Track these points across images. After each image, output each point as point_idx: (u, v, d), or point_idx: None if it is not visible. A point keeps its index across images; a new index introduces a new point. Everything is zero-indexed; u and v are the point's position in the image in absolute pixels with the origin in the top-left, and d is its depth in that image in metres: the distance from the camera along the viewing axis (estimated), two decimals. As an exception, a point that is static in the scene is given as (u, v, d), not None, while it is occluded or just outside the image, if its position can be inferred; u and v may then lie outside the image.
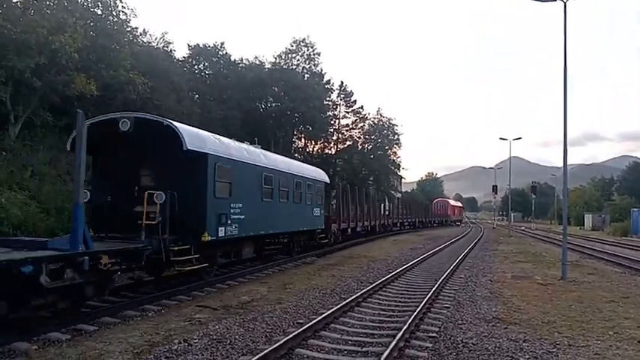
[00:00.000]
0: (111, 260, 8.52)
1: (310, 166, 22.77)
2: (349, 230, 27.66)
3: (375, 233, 34.50)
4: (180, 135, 10.75)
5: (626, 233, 51.69)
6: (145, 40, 32.94)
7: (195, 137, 11.46)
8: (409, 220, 50.06)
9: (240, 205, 12.97)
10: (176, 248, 10.67)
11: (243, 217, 13.05)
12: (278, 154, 16.95)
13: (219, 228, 11.91)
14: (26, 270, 6.85)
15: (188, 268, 11.11)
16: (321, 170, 22.77)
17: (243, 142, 15.95)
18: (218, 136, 13.42)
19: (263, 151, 17.06)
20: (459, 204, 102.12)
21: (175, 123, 11.20)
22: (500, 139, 50.29)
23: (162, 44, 35.34)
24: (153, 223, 10.25)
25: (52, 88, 21.69)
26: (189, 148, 10.77)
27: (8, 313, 6.95)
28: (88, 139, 8.37)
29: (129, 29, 29.00)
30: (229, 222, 12.39)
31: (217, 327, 8.21)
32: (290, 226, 17.33)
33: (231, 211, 12.55)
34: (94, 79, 22.70)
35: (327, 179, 22.45)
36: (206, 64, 44.83)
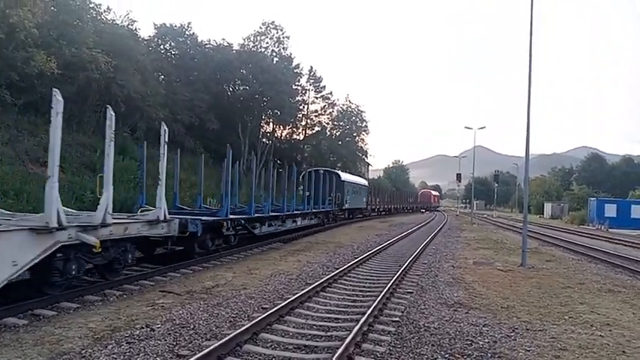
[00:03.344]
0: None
1: (362, 178, 48.66)
2: (375, 210, 48.08)
3: (390, 213, 55.48)
4: (340, 175, 33.93)
5: (584, 222, 53.60)
6: (109, 18, 31.89)
7: (343, 175, 35.09)
8: (403, 205, 67.29)
9: (349, 197, 34.08)
10: (337, 210, 31.16)
11: (349, 200, 34.19)
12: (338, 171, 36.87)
13: (345, 204, 32.76)
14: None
15: (341, 216, 33.53)
16: (364, 180, 49.68)
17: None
18: (346, 173, 39.79)
19: (351, 175, 42.54)
20: (437, 194, 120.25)
21: (338, 171, 37.58)
22: (466, 127, 51.35)
23: (127, 22, 34.28)
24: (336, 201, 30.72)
25: (10, 65, 20.85)
26: (342, 179, 33.11)
27: None
28: (308, 176, 26.07)
29: (92, 5, 28.13)
30: (347, 202, 33.34)
31: (181, 312, 8.12)
32: (357, 205, 37.78)
33: (347, 198, 33.33)
34: (55, 56, 21.95)
35: (367, 183, 46.40)
36: (172, 44, 43.79)
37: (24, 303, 7.73)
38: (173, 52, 43.85)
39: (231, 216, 15.11)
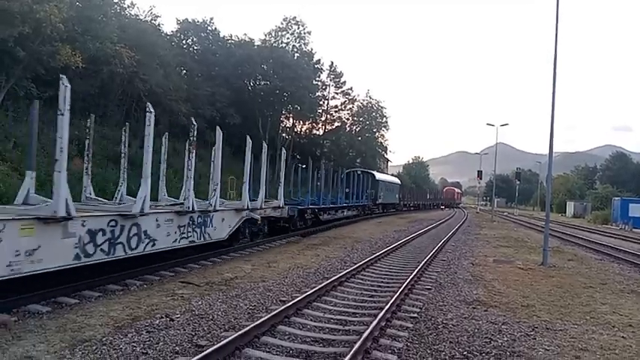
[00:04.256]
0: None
1: (395, 177, 57.40)
2: (406, 205, 53.94)
3: (419, 209, 60.48)
4: (375, 175, 40.02)
5: (607, 221, 52.60)
6: (133, 13, 32.34)
7: (377, 175, 41.44)
8: (430, 202, 72.03)
9: (382, 193, 40.44)
10: (371, 204, 37.36)
11: (382, 196, 40.48)
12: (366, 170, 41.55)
13: (379, 199, 39.36)
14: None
15: (376, 210, 39.41)
16: (397, 179, 56.22)
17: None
18: (380, 173, 47.78)
19: (385, 175, 52.16)
20: (460, 191, 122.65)
21: (373, 172, 42.04)
22: (487, 124, 50.75)
23: (150, 17, 34.72)
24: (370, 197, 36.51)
25: (37, 59, 21.23)
26: (377, 178, 39.66)
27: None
28: (348, 176, 30.95)
29: (116, 1, 28.42)
30: (380, 197, 39.90)
31: (200, 303, 8.22)
32: (390, 200, 44.09)
33: (380, 194, 39.90)
34: (80, 50, 22.27)
35: (399, 182, 53.87)
36: (194, 39, 44.15)
37: (48, 291, 7.90)
38: (195, 47, 44.18)
39: (310, 206, 21.93)
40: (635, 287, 12.54)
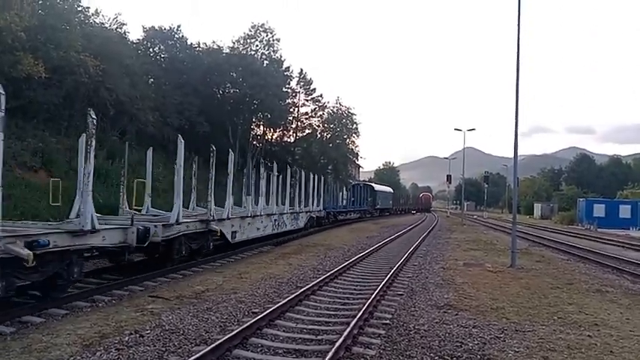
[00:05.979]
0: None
1: (388, 187, 69.53)
2: (396, 209, 65.95)
3: (405, 212, 72.04)
4: (373, 187, 55.52)
5: (573, 222, 54.00)
6: (98, 21, 31.67)
7: (375, 186, 57.20)
8: (409, 207, 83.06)
9: (379, 200, 54.92)
10: (371, 209, 50.30)
11: (380, 202, 55.21)
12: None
13: (376, 205, 53.26)
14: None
15: (375, 214, 52.81)
16: (390, 188, 70.21)
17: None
18: (377, 184, 63.98)
19: (381, 185, 65.98)
20: (432, 196, 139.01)
21: (372, 183, 61.41)
22: (455, 129, 51.51)
23: (116, 26, 34.10)
24: (370, 203, 50.62)
25: (-3, 69, 20.66)
26: (375, 189, 54.81)
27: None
28: (354, 188, 46.63)
29: (80, 9, 27.93)
30: (378, 204, 54.12)
31: (170, 317, 8.08)
32: (385, 206, 58.85)
33: (378, 201, 54.14)
34: (43, 60, 21.75)
35: (392, 190, 69.31)
36: (161, 47, 43.53)
37: (11, 310, 7.66)
38: (162, 56, 43.58)
39: (332, 210, 32.80)
40: (600, 286, 12.91)
